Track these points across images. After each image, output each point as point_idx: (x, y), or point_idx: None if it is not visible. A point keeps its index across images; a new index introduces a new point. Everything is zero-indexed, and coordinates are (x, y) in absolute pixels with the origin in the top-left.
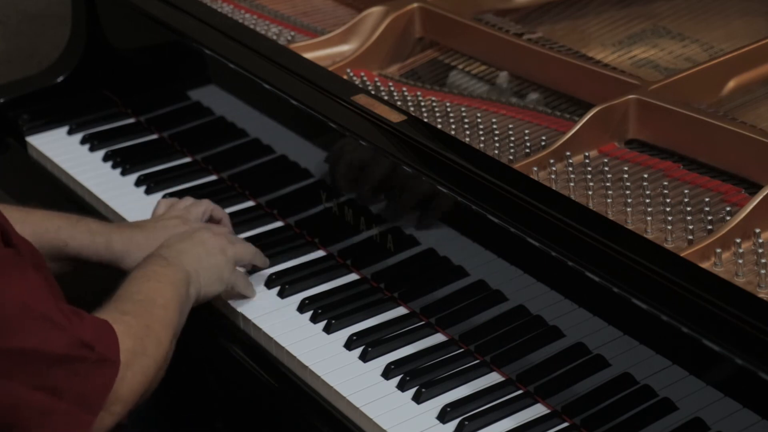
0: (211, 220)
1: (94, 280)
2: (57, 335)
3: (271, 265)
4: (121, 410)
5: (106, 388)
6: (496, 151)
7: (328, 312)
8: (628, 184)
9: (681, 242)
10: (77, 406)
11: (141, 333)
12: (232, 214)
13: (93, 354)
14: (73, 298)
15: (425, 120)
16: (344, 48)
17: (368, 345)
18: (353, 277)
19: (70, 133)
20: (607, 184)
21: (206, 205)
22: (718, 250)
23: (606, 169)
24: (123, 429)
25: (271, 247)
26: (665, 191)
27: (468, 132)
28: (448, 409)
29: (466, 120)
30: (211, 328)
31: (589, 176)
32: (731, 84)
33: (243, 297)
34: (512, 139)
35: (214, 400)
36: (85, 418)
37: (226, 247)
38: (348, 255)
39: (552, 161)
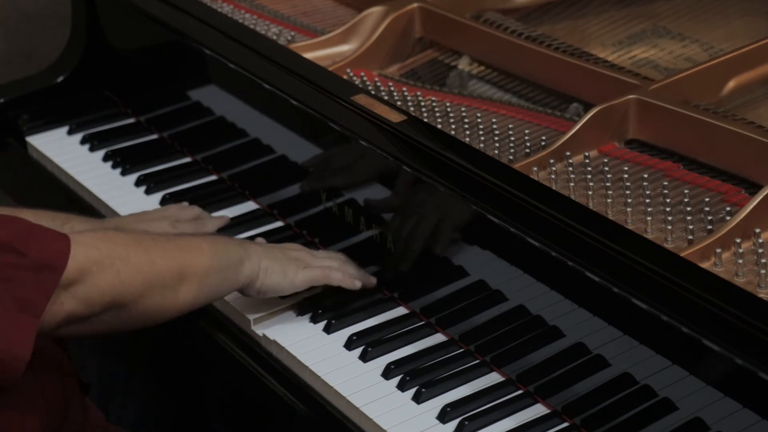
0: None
1: None
2: None
3: None
4: (84, 295)
5: (44, 294)
6: (496, 151)
7: (328, 312)
8: (628, 184)
9: (681, 242)
10: (15, 310)
11: (125, 242)
12: (232, 215)
13: (25, 259)
14: None
15: (425, 120)
16: (344, 48)
17: (368, 345)
18: None
19: (70, 133)
20: (607, 184)
21: (198, 210)
22: (718, 250)
23: (606, 169)
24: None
25: None
26: (665, 191)
27: (468, 132)
28: (448, 409)
29: (466, 120)
30: (210, 328)
31: (589, 176)
32: (731, 84)
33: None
34: (512, 139)
35: (212, 400)
36: (27, 321)
37: (303, 257)
38: (348, 255)
39: (552, 161)
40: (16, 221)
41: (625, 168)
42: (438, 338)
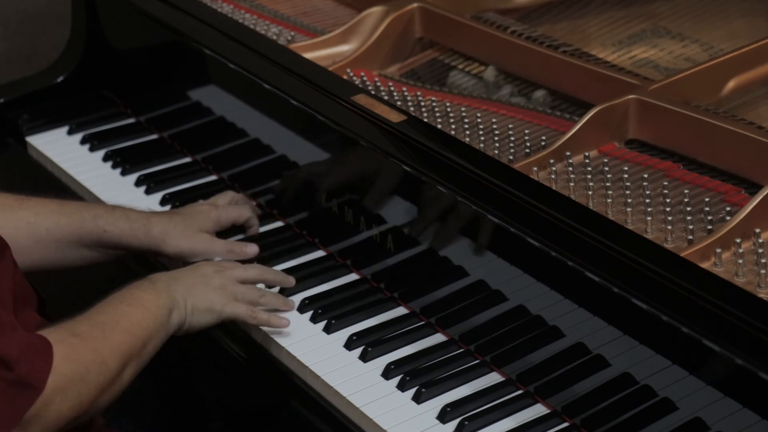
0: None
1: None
2: None
3: (272, 265)
4: (41, 430)
5: (18, 412)
6: (496, 151)
7: (328, 312)
8: (628, 184)
9: (681, 242)
10: None
11: (85, 358)
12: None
13: (10, 374)
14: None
15: (425, 120)
16: (344, 48)
17: (368, 345)
18: (353, 277)
19: (70, 133)
20: (607, 184)
21: (231, 194)
22: (718, 250)
23: (606, 169)
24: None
25: (271, 247)
26: (665, 191)
27: (468, 132)
28: (448, 409)
29: (466, 120)
30: (210, 327)
31: (589, 176)
32: (731, 84)
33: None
34: (512, 139)
35: (211, 400)
36: None
37: (226, 285)
38: (348, 255)
39: (552, 161)
40: (17, 335)
41: (625, 168)
42: (438, 338)
